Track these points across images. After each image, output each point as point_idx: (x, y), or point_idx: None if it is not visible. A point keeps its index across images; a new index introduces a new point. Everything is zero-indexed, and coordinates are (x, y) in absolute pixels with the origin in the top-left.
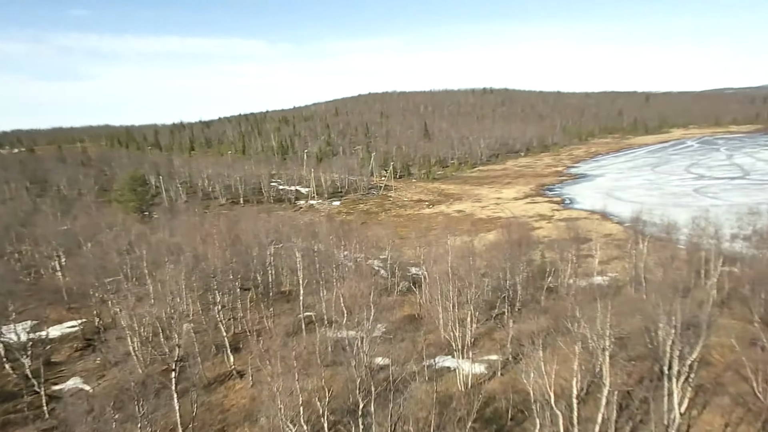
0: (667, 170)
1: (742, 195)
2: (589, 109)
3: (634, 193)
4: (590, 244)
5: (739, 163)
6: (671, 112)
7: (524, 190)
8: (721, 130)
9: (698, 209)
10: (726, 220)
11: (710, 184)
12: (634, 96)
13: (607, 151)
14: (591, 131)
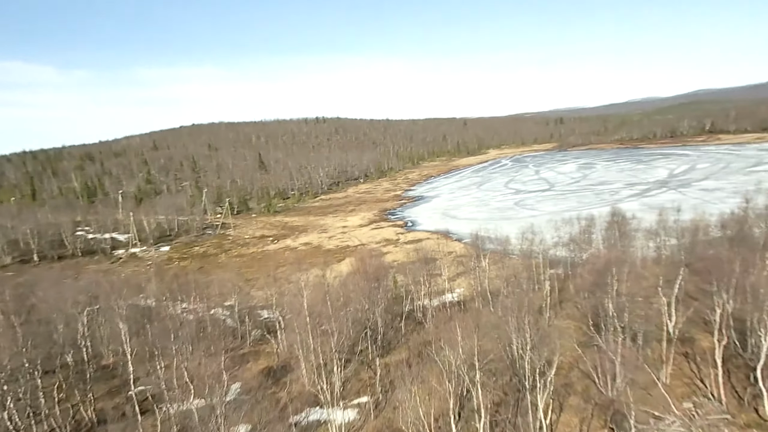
0: (490, 187)
1: (552, 204)
2: (417, 135)
3: (466, 210)
4: (437, 263)
5: (545, 177)
6: (486, 134)
7: (368, 216)
8: (527, 149)
9: (521, 220)
10: (546, 229)
11: (526, 197)
12: (454, 122)
13: (438, 173)
14: (421, 155)
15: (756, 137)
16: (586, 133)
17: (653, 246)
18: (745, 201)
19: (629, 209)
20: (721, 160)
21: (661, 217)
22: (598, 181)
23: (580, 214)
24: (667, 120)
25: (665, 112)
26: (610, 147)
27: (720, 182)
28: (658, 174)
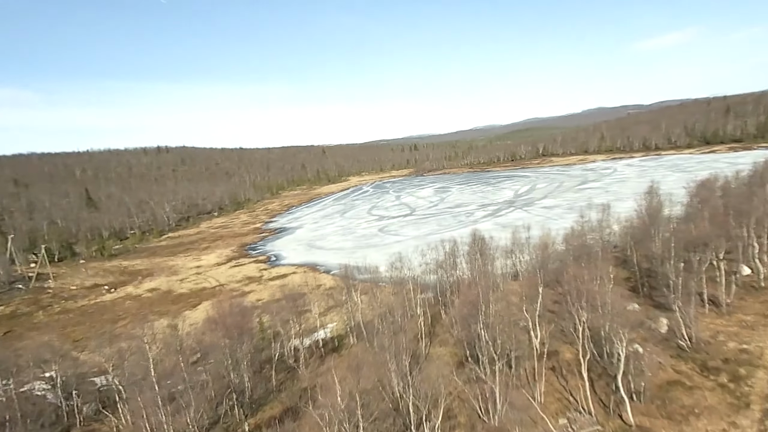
0: (354, 215)
1: (415, 229)
2: (274, 164)
3: (332, 240)
4: (306, 299)
5: (406, 202)
6: (346, 162)
7: (226, 252)
8: (386, 175)
9: (387, 247)
10: (413, 255)
11: (390, 222)
12: (313, 149)
13: (299, 202)
14: (281, 185)
15: (579, 159)
16: (439, 158)
17: (510, 263)
18: (580, 216)
19: (485, 229)
20: (555, 180)
21: (514, 236)
22: (454, 204)
23: (442, 236)
24: (507, 145)
25: (504, 138)
26: (461, 171)
27: (557, 200)
28: (505, 195)
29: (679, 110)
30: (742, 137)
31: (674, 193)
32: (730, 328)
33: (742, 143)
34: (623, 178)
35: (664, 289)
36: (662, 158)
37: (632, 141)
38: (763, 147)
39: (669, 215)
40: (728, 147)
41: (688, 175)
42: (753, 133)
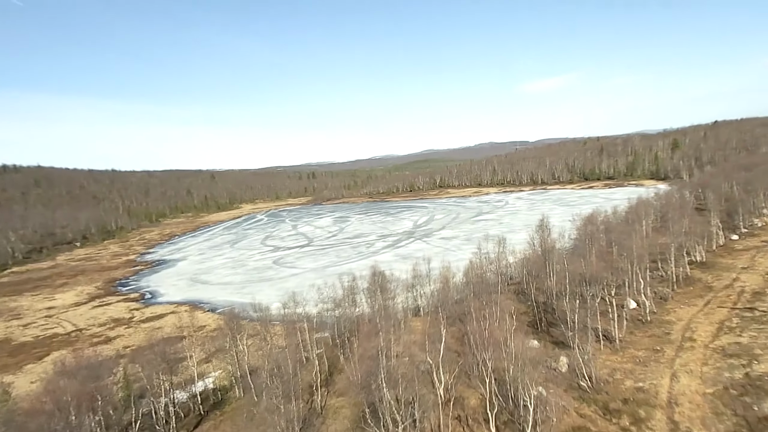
0: (246, 245)
1: (312, 261)
2: (155, 189)
3: (220, 274)
4: (184, 343)
5: (303, 231)
6: (238, 188)
7: (88, 290)
8: (283, 203)
9: (282, 280)
10: (309, 291)
11: (285, 254)
12: (201, 174)
13: (183, 231)
14: (162, 211)
15: (474, 191)
16: (338, 187)
17: (412, 297)
18: (478, 249)
19: (385, 260)
20: (452, 212)
21: (415, 269)
22: (354, 234)
23: (341, 268)
24: (406, 175)
25: (402, 168)
26: (361, 200)
27: (455, 231)
28: (404, 225)
29: (560, 148)
30: (615, 175)
31: (562, 227)
32: (625, 365)
33: (614, 180)
34: (515, 210)
35: (561, 326)
36: (548, 192)
37: (521, 175)
38: (632, 184)
39: (561, 249)
40: (603, 183)
41: (572, 209)
42: (623, 171)
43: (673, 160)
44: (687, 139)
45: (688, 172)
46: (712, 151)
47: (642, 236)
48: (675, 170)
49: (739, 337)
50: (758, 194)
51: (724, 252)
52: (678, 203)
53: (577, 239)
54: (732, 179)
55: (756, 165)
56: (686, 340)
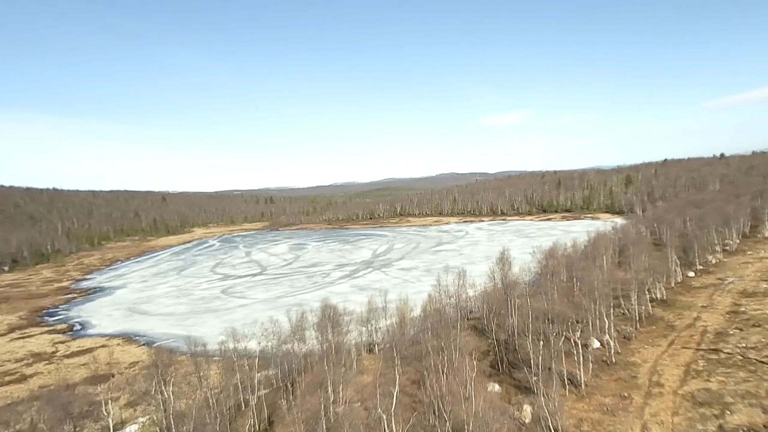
0: (193, 273)
1: (264, 291)
2: (99, 210)
3: (162, 303)
4: (110, 383)
5: (257, 259)
6: (190, 212)
7: (9, 320)
8: (237, 227)
9: (230, 312)
10: (254, 324)
11: (236, 283)
12: (151, 195)
13: (127, 256)
14: (105, 234)
15: (435, 220)
16: (296, 212)
17: (366, 332)
18: (437, 282)
19: (341, 291)
20: (412, 241)
21: (370, 303)
22: (310, 263)
23: (294, 299)
24: (366, 203)
25: (363, 195)
26: (319, 227)
27: (414, 261)
28: (363, 254)
29: (520, 180)
30: (572, 207)
31: (523, 259)
32: (592, 414)
33: (572, 213)
34: (475, 240)
35: (524, 368)
36: (508, 223)
37: (481, 205)
38: (589, 217)
39: (522, 284)
40: (561, 215)
41: (532, 240)
42: (580, 204)
43: (627, 194)
44: (639, 176)
45: (641, 207)
46: (663, 188)
47: (603, 271)
48: (629, 204)
49: (708, 382)
50: (710, 231)
51: (683, 289)
52: (636, 238)
53: (539, 273)
54: (685, 215)
55: (706, 202)
56: (654, 384)
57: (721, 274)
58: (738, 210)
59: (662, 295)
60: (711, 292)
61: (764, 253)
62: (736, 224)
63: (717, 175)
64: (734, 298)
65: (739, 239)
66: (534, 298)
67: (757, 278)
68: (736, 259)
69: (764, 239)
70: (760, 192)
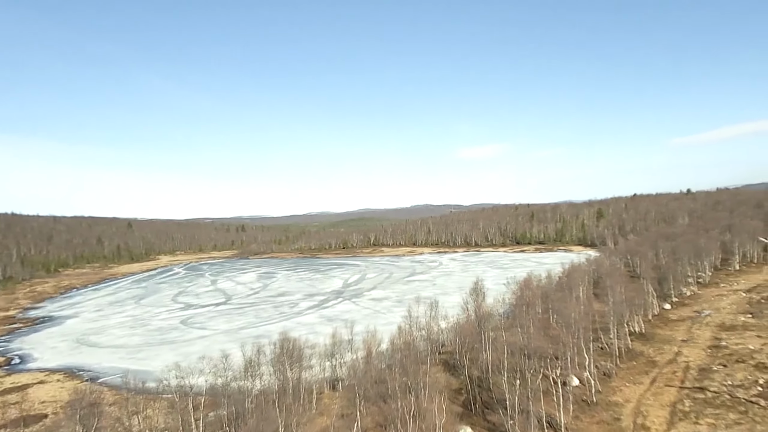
0: (153, 302)
1: (227, 321)
2: (60, 235)
3: (114, 334)
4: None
5: (223, 288)
6: (158, 239)
7: None
8: (206, 255)
9: (188, 344)
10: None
11: (197, 313)
12: (116, 222)
13: (84, 283)
14: (64, 261)
15: (408, 250)
16: (268, 241)
17: (330, 367)
18: (408, 313)
19: (308, 322)
20: (385, 271)
21: (335, 336)
22: (278, 292)
23: (258, 330)
24: (340, 232)
25: (338, 225)
26: (290, 256)
27: (386, 291)
28: (334, 284)
29: (494, 212)
30: (545, 240)
31: (497, 290)
32: None
33: (545, 245)
34: (449, 271)
35: (499, 409)
36: (482, 254)
37: (455, 236)
38: (562, 249)
39: (497, 316)
40: (535, 247)
41: (506, 271)
42: (553, 236)
43: (598, 227)
44: (610, 209)
45: (613, 240)
46: (633, 221)
47: (580, 303)
48: (601, 237)
49: (697, 425)
50: (684, 264)
51: (660, 322)
52: (611, 269)
53: (514, 305)
54: (657, 248)
55: (677, 235)
56: (639, 428)
57: (697, 307)
58: (709, 243)
59: (641, 329)
60: (689, 325)
61: (737, 286)
62: (708, 257)
63: (685, 209)
64: (714, 332)
65: (711, 272)
66: (509, 331)
67: (733, 311)
68: (710, 291)
69: (735, 272)
70: (728, 226)
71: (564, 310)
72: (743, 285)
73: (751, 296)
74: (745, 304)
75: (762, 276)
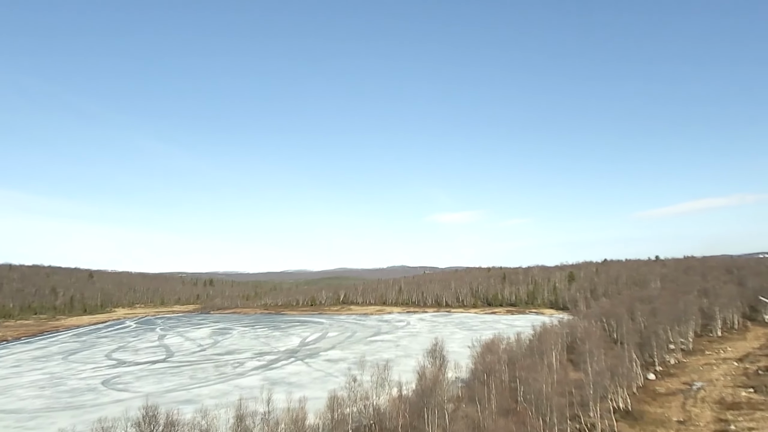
0: (84, 357)
1: (156, 382)
2: (10, 284)
3: (15, 395)
4: None
5: (169, 343)
6: (117, 290)
7: None
8: (166, 309)
9: (97, 409)
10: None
11: (127, 371)
12: (77, 272)
13: (18, 335)
14: (8, 311)
15: (377, 309)
16: (234, 296)
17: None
18: (352, 380)
19: (249, 385)
20: (349, 329)
21: (240, 410)
22: (226, 350)
23: (187, 394)
24: (309, 289)
25: (312, 283)
26: (254, 312)
27: (345, 352)
28: (291, 342)
29: (466, 273)
30: (516, 302)
31: (461, 353)
32: None
33: (516, 307)
34: (415, 332)
35: None
36: (452, 315)
37: (426, 296)
38: (533, 312)
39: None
40: (506, 309)
41: (474, 333)
42: (524, 299)
43: (570, 291)
44: (581, 273)
45: (585, 303)
46: (605, 285)
47: (553, 372)
48: (572, 301)
49: None
50: (665, 329)
51: (647, 396)
52: (588, 332)
53: (473, 374)
54: (635, 310)
55: (653, 298)
56: None
57: (686, 378)
58: (688, 307)
59: (626, 404)
60: (682, 401)
61: (724, 353)
62: (689, 322)
63: (657, 273)
64: (715, 410)
65: (692, 338)
66: (469, 405)
67: (730, 383)
68: (696, 359)
69: (718, 338)
70: (704, 290)
71: (533, 381)
72: (731, 353)
73: (746, 366)
74: (740, 375)
75: (747, 343)
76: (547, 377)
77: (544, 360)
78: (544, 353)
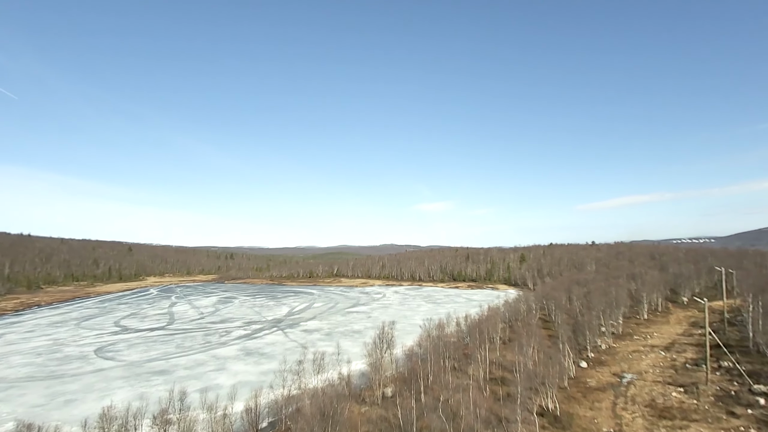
0: (95, 324)
1: (142, 351)
2: (59, 255)
3: (10, 362)
4: None
5: (175, 310)
6: (151, 262)
7: None
8: (190, 278)
9: (74, 379)
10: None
11: (124, 339)
12: (118, 245)
13: (52, 301)
14: (53, 278)
15: (362, 282)
16: (248, 268)
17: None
18: (299, 361)
19: (223, 356)
20: (332, 300)
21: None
22: (222, 318)
23: (166, 363)
24: (309, 263)
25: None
26: (261, 282)
27: (322, 323)
28: (280, 311)
29: (438, 252)
30: (477, 278)
31: (420, 326)
32: None
33: (476, 282)
34: (388, 303)
35: None
36: (422, 288)
37: (403, 272)
38: (489, 287)
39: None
40: (467, 284)
41: (437, 306)
42: (483, 275)
43: (521, 270)
44: (531, 255)
45: (532, 281)
46: (550, 266)
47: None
48: (522, 279)
49: None
50: (598, 313)
51: (577, 390)
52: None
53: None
54: (572, 293)
55: (588, 282)
56: None
57: (616, 367)
58: (620, 292)
59: (554, 404)
60: (612, 400)
61: (651, 340)
62: (619, 307)
63: (592, 257)
64: (648, 419)
65: (622, 321)
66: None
67: (660, 379)
68: (625, 344)
69: (645, 321)
70: (632, 275)
71: (462, 375)
72: (657, 339)
73: (673, 357)
74: (668, 368)
75: (671, 328)
76: (476, 370)
77: (484, 347)
78: (485, 338)
